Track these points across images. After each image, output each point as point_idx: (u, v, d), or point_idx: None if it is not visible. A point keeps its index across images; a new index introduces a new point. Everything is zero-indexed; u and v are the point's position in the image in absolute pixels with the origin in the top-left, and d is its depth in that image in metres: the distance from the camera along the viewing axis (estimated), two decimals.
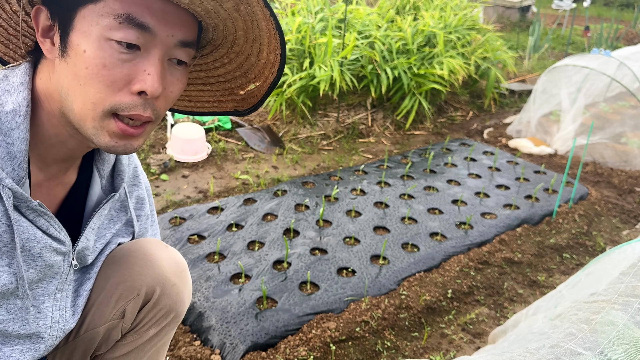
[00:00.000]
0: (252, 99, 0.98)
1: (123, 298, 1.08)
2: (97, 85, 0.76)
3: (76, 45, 0.76)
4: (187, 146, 3.40)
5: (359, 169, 3.43)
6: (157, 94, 0.78)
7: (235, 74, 0.95)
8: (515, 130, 4.31)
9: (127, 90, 0.78)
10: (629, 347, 1.04)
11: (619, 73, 3.78)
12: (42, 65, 0.86)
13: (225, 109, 1.03)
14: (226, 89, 0.99)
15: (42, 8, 0.81)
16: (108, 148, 0.82)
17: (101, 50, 0.75)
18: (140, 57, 0.77)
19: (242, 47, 0.89)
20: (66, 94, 0.80)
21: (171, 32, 0.78)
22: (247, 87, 0.96)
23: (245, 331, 1.88)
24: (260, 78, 0.92)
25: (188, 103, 1.05)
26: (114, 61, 0.76)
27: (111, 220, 1.08)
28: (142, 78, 0.77)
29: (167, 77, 0.82)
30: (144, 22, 0.75)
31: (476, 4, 5.77)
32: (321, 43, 4.11)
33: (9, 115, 0.80)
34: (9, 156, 0.80)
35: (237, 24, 0.83)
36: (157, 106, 0.82)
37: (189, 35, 0.81)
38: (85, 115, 0.79)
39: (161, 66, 0.79)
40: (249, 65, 0.92)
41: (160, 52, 0.78)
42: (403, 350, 1.93)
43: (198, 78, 0.99)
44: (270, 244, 2.45)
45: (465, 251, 2.52)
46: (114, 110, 0.78)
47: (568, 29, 9.43)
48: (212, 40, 0.91)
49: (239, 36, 0.86)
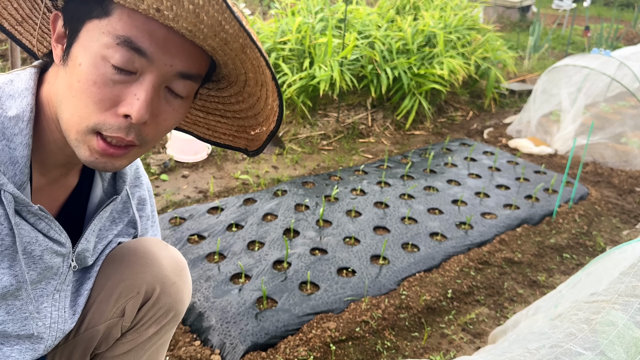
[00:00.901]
0: (258, 142, 0.98)
1: (123, 296, 1.08)
2: (85, 100, 0.76)
3: (75, 57, 0.77)
4: (187, 146, 3.40)
5: (359, 169, 3.43)
6: (143, 120, 0.77)
7: (248, 113, 0.95)
8: (516, 130, 4.31)
9: (114, 112, 0.77)
10: (629, 347, 1.04)
11: (619, 73, 3.78)
12: (51, 70, 0.87)
13: (238, 144, 1.02)
14: (240, 126, 0.98)
15: (59, 14, 0.82)
16: (88, 163, 0.81)
17: (95, 67, 0.75)
18: (135, 80, 0.76)
19: (252, 89, 0.88)
20: (60, 101, 0.80)
21: (170, 62, 0.76)
22: (256, 129, 0.95)
23: (245, 331, 1.88)
24: (266, 123, 0.92)
25: (207, 131, 1.04)
26: (105, 80, 0.75)
27: (113, 222, 1.08)
28: (130, 102, 0.76)
29: (162, 105, 0.80)
30: (142, 47, 0.73)
31: (476, 4, 5.77)
32: (321, 43, 4.11)
33: (12, 121, 0.80)
34: (11, 161, 0.81)
35: (245, 65, 0.81)
36: (144, 132, 0.80)
37: (192, 68, 0.79)
38: (71, 126, 0.79)
39: (154, 93, 0.77)
40: (258, 108, 0.91)
41: (156, 79, 0.77)
42: (403, 350, 1.93)
43: (217, 110, 0.99)
44: (270, 244, 2.45)
45: (465, 251, 2.52)
46: (98, 129, 0.77)
47: (568, 29, 9.43)
48: (226, 77, 0.90)
49: (249, 78, 0.85)
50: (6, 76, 0.85)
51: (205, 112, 1.01)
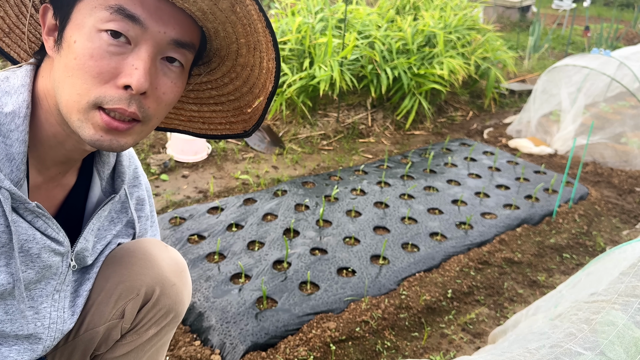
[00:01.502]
0: (256, 115, 0.98)
1: (123, 298, 1.08)
2: (83, 76, 0.76)
3: (69, 37, 0.77)
4: (187, 146, 3.40)
5: (359, 169, 3.43)
6: (143, 89, 0.77)
7: (242, 90, 0.96)
8: (515, 130, 4.31)
9: (113, 84, 0.77)
10: (629, 347, 1.04)
11: (619, 73, 3.78)
12: (44, 64, 0.87)
13: (236, 130, 1.03)
14: (236, 108, 0.99)
15: (48, 6, 0.83)
16: (93, 142, 0.80)
17: (90, 41, 0.75)
18: (130, 51, 0.77)
19: (245, 58, 0.89)
20: (57, 87, 0.80)
21: (163, 29, 0.78)
22: (254, 103, 0.96)
23: (245, 331, 1.88)
24: (263, 91, 0.93)
25: (202, 125, 1.05)
26: (101, 52, 0.76)
27: (112, 222, 1.08)
28: (129, 72, 0.77)
29: (160, 77, 0.81)
30: (135, 13, 0.75)
31: (476, 4, 5.77)
32: (321, 43, 4.11)
33: (8, 117, 0.81)
34: (7, 157, 0.81)
35: (236, 28, 0.82)
36: (145, 105, 0.80)
37: (185, 36, 0.80)
38: (72, 107, 0.79)
39: (151, 63, 0.78)
40: (253, 78, 0.92)
41: (151, 48, 0.78)
42: (403, 350, 1.93)
43: (210, 97, 1.00)
44: (270, 244, 2.45)
45: (465, 251, 2.52)
46: (99, 103, 0.77)
47: (568, 29, 9.43)
48: (217, 51, 0.91)
49: (241, 45, 0.86)
50: (2, 73, 0.85)
51: (199, 103, 1.01)
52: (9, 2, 0.89)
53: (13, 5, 0.90)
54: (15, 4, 0.90)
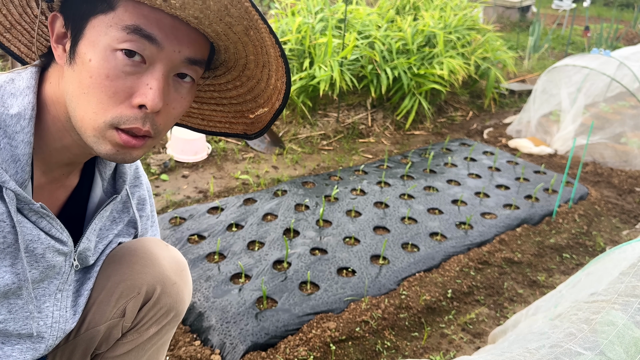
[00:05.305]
0: (260, 123, 0.98)
1: (123, 297, 1.08)
2: (99, 95, 0.77)
3: (83, 54, 0.77)
4: (187, 146, 3.40)
5: (359, 169, 3.43)
6: (157, 109, 0.78)
7: (246, 97, 0.96)
8: (515, 130, 4.31)
9: (129, 104, 0.78)
10: (629, 347, 1.04)
11: (619, 73, 3.78)
12: (52, 70, 0.87)
13: (235, 130, 1.03)
14: (237, 112, 0.99)
15: (58, 15, 0.82)
16: (108, 156, 0.82)
17: (106, 60, 0.75)
18: (145, 70, 0.77)
19: (252, 72, 0.89)
20: (70, 100, 0.80)
21: (178, 48, 0.78)
22: (256, 111, 0.96)
23: (245, 331, 1.88)
24: (268, 104, 0.93)
25: (201, 121, 1.05)
26: (117, 73, 0.76)
27: (113, 222, 1.08)
28: (144, 91, 0.77)
29: (171, 94, 0.82)
30: (152, 33, 0.75)
31: (476, 4, 5.77)
32: (321, 43, 4.11)
33: (14, 119, 0.81)
34: (12, 159, 0.81)
35: (247, 48, 0.83)
36: (157, 121, 0.81)
37: (197, 54, 0.81)
38: (87, 124, 0.79)
39: (165, 81, 0.79)
40: (259, 90, 0.92)
41: (165, 67, 0.78)
42: (403, 350, 1.93)
43: (212, 98, 1.00)
44: (270, 244, 2.46)
45: (465, 251, 2.52)
46: (115, 124, 0.78)
47: (568, 29, 9.43)
48: (224, 62, 0.92)
49: (249, 61, 0.87)
50: (7, 75, 0.85)
51: (199, 102, 1.02)
52: (13, 2, 0.89)
53: (17, 6, 0.90)
54: (19, 4, 0.90)
